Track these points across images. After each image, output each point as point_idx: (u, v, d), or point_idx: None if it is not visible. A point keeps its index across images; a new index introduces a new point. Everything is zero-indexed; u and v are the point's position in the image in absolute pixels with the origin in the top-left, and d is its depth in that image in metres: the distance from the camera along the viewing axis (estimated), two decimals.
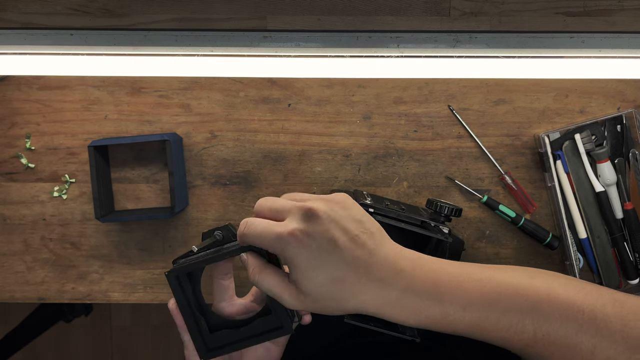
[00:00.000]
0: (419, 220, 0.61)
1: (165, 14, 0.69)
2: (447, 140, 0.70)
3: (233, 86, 0.70)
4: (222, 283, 0.56)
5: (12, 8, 0.69)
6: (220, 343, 0.53)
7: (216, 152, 0.70)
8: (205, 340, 0.53)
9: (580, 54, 0.67)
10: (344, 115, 0.70)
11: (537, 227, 0.69)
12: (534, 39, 0.66)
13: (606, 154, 0.68)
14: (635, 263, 0.69)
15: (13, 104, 0.70)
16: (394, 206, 0.62)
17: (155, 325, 1.55)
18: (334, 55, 0.67)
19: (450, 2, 0.68)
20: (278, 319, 0.52)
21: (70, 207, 0.71)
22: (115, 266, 0.72)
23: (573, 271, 0.69)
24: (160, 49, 0.67)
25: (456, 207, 0.62)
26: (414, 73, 0.69)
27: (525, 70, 0.68)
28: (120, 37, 0.67)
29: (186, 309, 0.53)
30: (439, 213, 0.62)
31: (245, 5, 0.68)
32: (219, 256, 0.51)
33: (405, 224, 0.60)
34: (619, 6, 0.68)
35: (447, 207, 0.62)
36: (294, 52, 0.67)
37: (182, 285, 0.53)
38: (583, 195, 0.69)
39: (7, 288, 0.72)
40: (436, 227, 0.61)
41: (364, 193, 0.63)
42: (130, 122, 0.70)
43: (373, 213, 0.58)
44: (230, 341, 0.53)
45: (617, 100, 0.69)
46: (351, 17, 0.68)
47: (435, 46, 0.67)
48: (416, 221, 0.61)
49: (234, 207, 0.71)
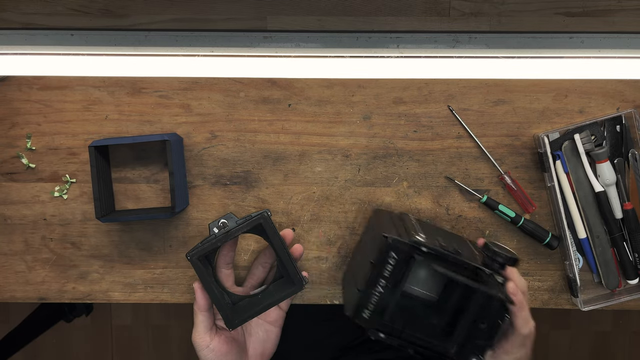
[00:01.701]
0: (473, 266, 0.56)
1: (166, 15, 0.69)
2: (447, 140, 0.70)
3: (233, 86, 0.70)
4: (224, 272, 0.65)
5: (12, 8, 0.69)
6: (243, 311, 0.61)
7: (216, 152, 0.70)
8: (231, 311, 0.61)
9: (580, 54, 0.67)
10: (344, 116, 0.70)
11: (537, 226, 0.69)
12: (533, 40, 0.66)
13: (605, 154, 0.68)
14: (635, 263, 0.69)
15: (14, 104, 0.70)
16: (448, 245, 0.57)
17: (155, 325, 1.55)
18: (334, 56, 0.67)
19: (450, 3, 0.68)
20: (290, 280, 0.61)
21: (71, 207, 0.71)
22: (116, 266, 0.72)
23: (572, 271, 0.69)
24: (161, 49, 0.67)
25: (513, 257, 0.58)
26: (413, 73, 0.69)
27: (524, 70, 0.68)
28: (120, 38, 0.67)
29: (210, 286, 0.60)
30: (494, 260, 0.58)
31: (246, 6, 0.68)
32: (230, 235, 0.60)
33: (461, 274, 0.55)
34: (619, 6, 0.68)
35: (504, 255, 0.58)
36: (294, 52, 0.67)
37: (204, 266, 0.60)
38: (582, 195, 0.69)
39: (8, 288, 0.72)
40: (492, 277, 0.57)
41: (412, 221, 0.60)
42: (131, 122, 0.70)
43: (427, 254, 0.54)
44: (252, 308, 0.61)
45: (616, 101, 0.69)
46: (351, 17, 0.68)
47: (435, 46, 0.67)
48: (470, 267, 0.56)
49: (234, 207, 0.71)
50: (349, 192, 0.71)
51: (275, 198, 0.71)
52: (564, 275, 0.71)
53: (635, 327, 1.56)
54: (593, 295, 0.71)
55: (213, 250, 0.60)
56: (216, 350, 0.62)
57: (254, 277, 0.67)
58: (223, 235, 0.59)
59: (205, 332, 0.62)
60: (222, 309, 0.60)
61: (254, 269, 0.67)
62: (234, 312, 0.61)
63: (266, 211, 0.60)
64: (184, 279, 0.72)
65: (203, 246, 0.59)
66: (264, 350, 0.66)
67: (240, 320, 0.61)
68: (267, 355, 0.66)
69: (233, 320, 0.60)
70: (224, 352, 0.62)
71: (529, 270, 0.71)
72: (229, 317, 0.60)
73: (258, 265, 0.67)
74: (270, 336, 0.66)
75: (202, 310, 0.61)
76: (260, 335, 0.66)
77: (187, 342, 1.44)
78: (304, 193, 0.71)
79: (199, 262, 0.60)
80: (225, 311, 0.60)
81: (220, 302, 0.60)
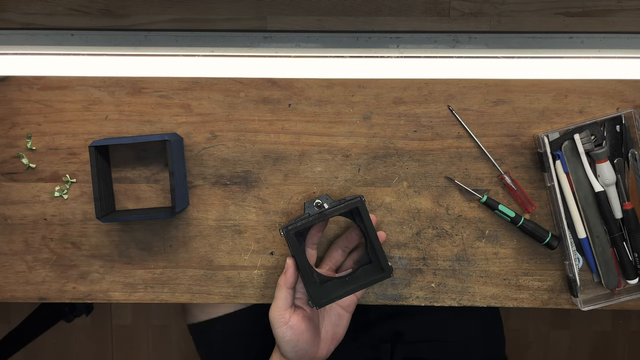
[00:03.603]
0: None
1: (166, 15, 0.69)
2: (447, 140, 0.70)
3: (233, 86, 0.70)
4: (309, 252, 0.66)
5: (13, 8, 0.69)
6: (330, 292, 0.63)
7: (216, 152, 0.71)
8: (319, 290, 0.63)
9: (580, 54, 0.67)
10: (344, 116, 0.70)
11: (537, 226, 0.69)
12: (533, 40, 0.66)
13: (605, 154, 0.68)
14: (634, 263, 0.69)
15: (14, 104, 0.70)
16: None
17: (155, 325, 1.55)
18: (334, 56, 0.68)
19: (450, 3, 0.68)
20: (379, 266, 0.64)
21: (71, 207, 0.71)
22: (116, 266, 0.72)
23: (572, 271, 0.69)
24: (161, 49, 0.67)
25: None
26: (413, 73, 0.69)
27: (524, 70, 0.68)
28: (120, 38, 0.67)
29: (303, 263, 0.62)
30: None
31: (246, 6, 0.68)
32: (324, 215, 0.63)
33: None
34: (618, 6, 0.68)
35: None
36: (294, 52, 0.67)
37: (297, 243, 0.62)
38: (582, 195, 0.69)
39: (8, 288, 0.72)
40: None
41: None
42: (131, 122, 0.70)
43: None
44: (339, 289, 0.63)
45: (616, 101, 0.69)
46: (351, 17, 0.68)
47: (435, 47, 0.67)
48: None
49: (235, 207, 0.71)
50: (349, 192, 0.71)
51: (275, 198, 0.71)
52: (563, 275, 0.71)
53: (635, 327, 1.56)
54: (593, 295, 0.71)
55: (307, 228, 0.63)
56: (295, 327, 0.63)
57: (332, 259, 0.68)
58: (318, 215, 0.62)
59: (285, 309, 0.63)
60: (311, 286, 0.62)
61: (332, 251, 0.69)
62: (322, 290, 0.63)
63: (360, 196, 0.63)
64: (184, 278, 0.72)
65: (298, 223, 0.62)
66: (335, 333, 0.67)
67: (327, 299, 0.62)
68: (337, 339, 0.68)
69: (320, 299, 0.62)
70: (302, 330, 0.63)
71: (529, 270, 0.71)
72: (316, 295, 0.62)
73: (338, 249, 0.68)
74: (342, 321, 0.68)
75: (288, 287, 0.63)
76: (332, 319, 0.67)
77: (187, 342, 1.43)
78: (304, 193, 0.71)
79: (294, 237, 0.62)
80: (313, 289, 0.62)
81: (310, 279, 0.62)
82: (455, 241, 0.71)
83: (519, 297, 0.72)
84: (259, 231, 0.71)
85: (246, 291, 0.72)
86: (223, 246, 0.72)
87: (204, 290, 0.72)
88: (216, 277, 0.72)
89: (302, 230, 0.63)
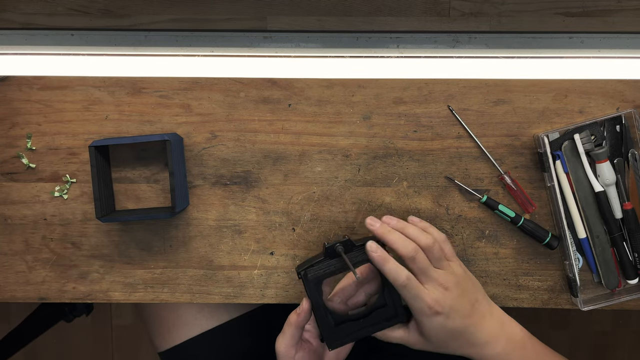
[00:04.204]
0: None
1: (166, 15, 0.69)
2: (447, 140, 0.70)
3: (233, 86, 0.70)
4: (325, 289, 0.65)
5: (13, 8, 0.69)
6: (344, 334, 0.63)
7: (216, 152, 0.71)
8: (333, 332, 0.63)
9: (580, 54, 0.67)
10: (344, 116, 0.70)
11: (537, 226, 0.69)
12: (533, 40, 0.66)
13: (605, 154, 0.68)
14: (634, 263, 0.69)
15: (14, 104, 0.70)
16: None
17: None
18: (334, 56, 0.68)
19: (450, 3, 0.68)
20: (393, 309, 0.64)
21: (71, 207, 0.71)
22: (116, 266, 0.72)
23: (572, 271, 0.69)
24: (161, 49, 0.67)
25: None
26: (413, 73, 0.69)
27: (524, 70, 0.68)
28: (120, 38, 0.67)
29: (318, 307, 0.62)
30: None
31: (246, 6, 0.68)
32: (345, 267, 0.62)
33: None
34: (618, 6, 0.68)
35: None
36: (294, 52, 0.67)
37: (315, 288, 0.62)
38: (582, 195, 0.69)
39: (8, 288, 0.72)
40: None
41: None
42: (131, 122, 0.70)
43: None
44: (353, 331, 0.63)
45: (616, 101, 0.69)
46: (351, 17, 0.68)
47: (435, 47, 0.67)
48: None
49: (235, 207, 0.71)
50: (349, 192, 0.71)
51: (275, 198, 0.71)
52: (563, 275, 0.71)
53: (635, 327, 1.56)
54: (593, 295, 0.71)
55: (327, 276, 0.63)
56: None
57: (344, 292, 0.67)
58: (341, 265, 0.62)
59: (292, 345, 0.63)
60: (325, 329, 0.63)
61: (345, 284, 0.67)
62: (336, 331, 0.63)
63: None
64: (184, 278, 0.72)
65: (319, 270, 0.62)
66: (338, 356, 0.68)
67: (341, 342, 0.63)
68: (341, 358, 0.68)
69: (334, 341, 0.63)
70: None
71: (529, 270, 0.71)
72: (330, 337, 0.63)
73: (362, 293, 0.67)
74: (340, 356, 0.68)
75: (299, 327, 0.63)
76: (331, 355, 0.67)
77: None
78: (304, 193, 0.71)
79: (313, 284, 0.62)
80: (327, 332, 0.63)
81: (324, 322, 0.63)
82: (455, 241, 0.71)
83: (519, 297, 0.72)
84: (259, 231, 0.71)
85: (246, 291, 0.72)
86: (223, 246, 0.72)
87: (204, 290, 0.72)
88: (216, 277, 0.72)
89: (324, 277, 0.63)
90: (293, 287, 0.72)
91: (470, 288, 0.64)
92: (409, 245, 0.61)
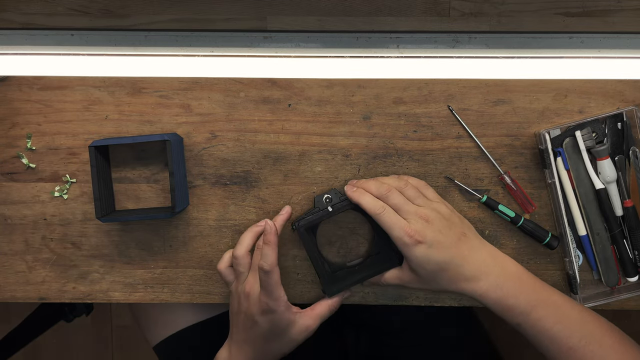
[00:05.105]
0: None
1: (166, 15, 0.69)
2: (447, 140, 0.70)
3: (233, 86, 0.70)
4: None
5: (12, 8, 0.69)
6: (341, 281, 0.67)
7: (216, 152, 0.71)
8: (330, 277, 0.67)
9: (580, 54, 0.67)
10: (344, 116, 0.70)
11: (537, 226, 0.69)
12: (533, 40, 0.66)
13: (606, 151, 0.68)
14: (635, 260, 0.69)
15: (14, 104, 0.70)
16: None
17: None
18: (334, 56, 0.68)
19: (450, 3, 0.68)
20: (387, 256, 0.67)
21: (71, 207, 0.71)
22: (116, 266, 0.72)
23: (572, 268, 0.69)
24: (161, 49, 0.67)
25: None
26: (413, 73, 0.69)
27: (524, 70, 0.68)
28: (120, 38, 0.67)
29: (314, 255, 0.66)
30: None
31: (246, 6, 0.68)
32: (335, 211, 0.67)
33: None
34: (618, 6, 0.68)
35: None
36: (294, 52, 0.67)
37: (309, 236, 0.66)
38: (583, 192, 0.69)
39: (8, 288, 0.72)
40: None
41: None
42: (131, 122, 0.70)
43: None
44: (349, 278, 0.67)
45: (616, 101, 0.69)
46: (351, 17, 0.68)
47: (435, 47, 0.67)
48: None
49: (235, 207, 0.71)
50: None
51: (275, 198, 0.71)
52: (563, 275, 0.72)
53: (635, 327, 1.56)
54: (592, 293, 0.71)
55: (318, 223, 0.68)
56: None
57: None
58: (328, 212, 0.67)
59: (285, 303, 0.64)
60: (322, 275, 0.67)
61: None
62: (333, 279, 0.67)
63: None
64: (184, 278, 0.72)
65: (309, 217, 0.66)
66: None
67: (338, 288, 0.67)
68: None
69: (332, 286, 0.67)
70: None
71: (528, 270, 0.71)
72: (328, 284, 0.67)
73: None
74: None
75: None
76: None
77: None
78: (304, 193, 0.71)
79: (305, 232, 0.66)
80: (325, 278, 0.67)
81: (322, 270, 0.67)
82: None
83: None
84: None
85: None
86: (223, 246, 0.72)
87: (204, 290, 0.72)
88: (216, 277, 0.72)
89: (313, 225, 0.67)
90: (293, 286, 0.72)
91: (457, 223, 0.65)
92: (382, 187, 0.64)
